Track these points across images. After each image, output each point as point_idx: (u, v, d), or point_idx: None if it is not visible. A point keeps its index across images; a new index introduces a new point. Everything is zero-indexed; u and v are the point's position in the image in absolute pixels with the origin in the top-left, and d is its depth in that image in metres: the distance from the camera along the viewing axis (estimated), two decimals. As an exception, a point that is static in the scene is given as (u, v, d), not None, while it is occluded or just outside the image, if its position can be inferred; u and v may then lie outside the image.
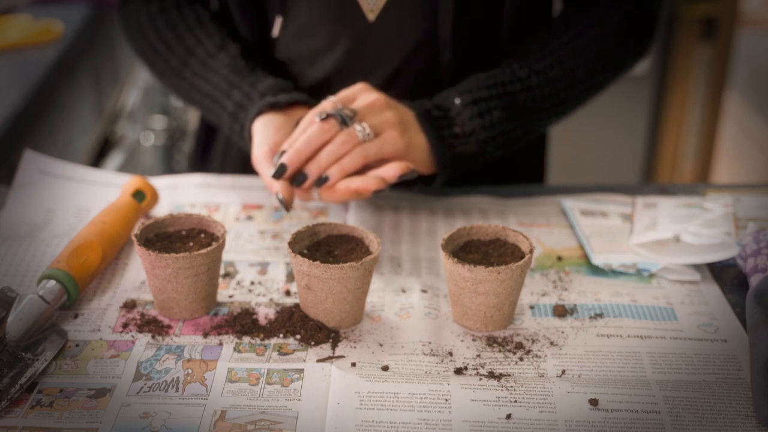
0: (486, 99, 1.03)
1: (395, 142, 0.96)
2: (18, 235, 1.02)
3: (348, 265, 0.84)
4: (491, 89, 1.03)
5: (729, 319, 0.90)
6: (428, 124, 1.00)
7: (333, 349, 0.85)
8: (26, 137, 1.56)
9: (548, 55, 1.07)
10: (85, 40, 1.99)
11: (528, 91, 1.05)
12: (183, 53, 1.10)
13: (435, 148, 1.00)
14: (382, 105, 0.98)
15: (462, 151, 1.02)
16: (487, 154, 1.04)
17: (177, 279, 0.86)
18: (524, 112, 1.05)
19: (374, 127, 0.96)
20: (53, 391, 0.79)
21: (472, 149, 1.02)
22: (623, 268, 0.97)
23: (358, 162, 0.95)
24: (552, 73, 1.06)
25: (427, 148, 1.00)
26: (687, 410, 0.77)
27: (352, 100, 0.99)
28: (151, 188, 1.05)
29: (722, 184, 1.26)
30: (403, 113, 0.99)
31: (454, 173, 1.03)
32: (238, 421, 0.75)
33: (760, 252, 0.93)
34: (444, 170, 1.02)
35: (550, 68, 1.06)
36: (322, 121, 0.95)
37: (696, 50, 2.62)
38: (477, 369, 0.82)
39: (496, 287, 0.85)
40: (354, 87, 1.00)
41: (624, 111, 2.66)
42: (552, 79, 1.06)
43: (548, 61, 1.07)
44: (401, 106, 1.00)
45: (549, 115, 1.08)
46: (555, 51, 1.07)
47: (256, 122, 1.01)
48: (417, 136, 0.99)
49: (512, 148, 1.06)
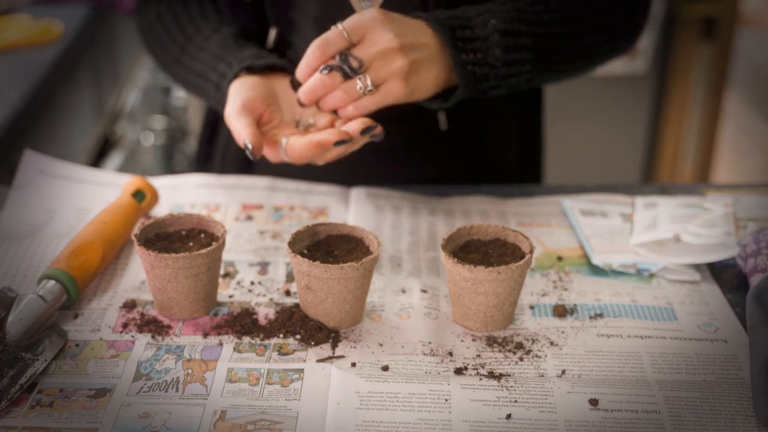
0: (517, 34, 0.99)
1: (397, 94, 0.93)
2: (18, 235, 1.02)
3: (348, 265, 0.84)
4: (520, 24, 0.99)
5: (729, 319, 0.90)
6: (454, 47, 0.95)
7: (333, 349, 0.85)
8: (26, 137, 1.56)
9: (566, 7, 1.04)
10: (85, 40, 1.99)
11: (549, 39, 1.02)
12: (182, 41, 1.11)
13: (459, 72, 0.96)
14: (393, 51, 0.92)
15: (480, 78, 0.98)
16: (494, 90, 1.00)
17: (177, 279, 0.86)
18: (537, 59, 1.01)
19: (378, 80, 0.92)
20: (53, 391, 0.79)
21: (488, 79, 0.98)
22: (623, 268, 0.97)
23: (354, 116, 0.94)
24: (567, 29, 1.03)
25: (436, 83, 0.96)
26: (687, 410, 0.77)
27: (362, 37, 0.92)
28: (151, 188, 1.05)
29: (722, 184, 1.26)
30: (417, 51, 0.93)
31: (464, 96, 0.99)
32: (238, 421, 0.75)
33: (760, 252, 0.93)
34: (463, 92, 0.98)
35: (569, 22, 1.04)
36: (325, 75, 0.92)
37: (696, 50, 2.62)
38: (477, 369, 0.82)
39: (496, 287, 0.85)
40: (367, 16, 0.93)
41: (624, 111, 2.66)
42: (566, 33, 1.03)
43: (564, 14, 1.04)
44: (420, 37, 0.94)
45: (551, 70, 1.05)
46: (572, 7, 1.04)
47: (232, 85, 1.01)
48: (428, 73, 0.95)
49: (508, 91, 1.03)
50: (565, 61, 1.05)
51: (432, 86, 0.96)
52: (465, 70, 0.96)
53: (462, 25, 0.97)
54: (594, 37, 1.07)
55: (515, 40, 0.98)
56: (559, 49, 1.03)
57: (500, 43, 0.98)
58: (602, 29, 1.07)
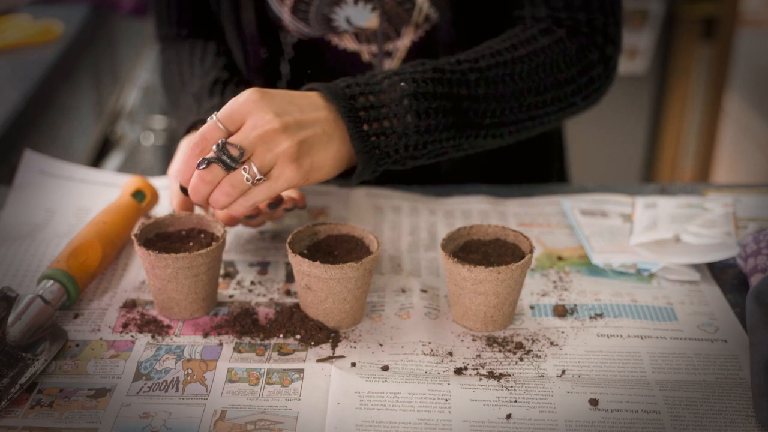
0: (429, 95, 0.90)
1: (289, 178, 0.83)
2: (18, 235, 1.02)
3: (348, 265, 0.84)
4: (437, 85, 0.90)
5: (729, 319, 0.90)
6: (350, 119, 0.86)
7: (333, 349, 0.85)
8: (26, 137, 1.56)
9: (501, 65, 0.96)
10: (85, 40, 1.99)
11: (473, 101, 0.93)
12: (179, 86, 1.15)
13: (358, 146, 0.87)
14: (275, 132, 0.82)
15: (387, 152, 0.89)
16: (409, 160, 0.91)
17: (177, 279, 0.86)
18: (462, 123, 0.93)
19: (264, 166, 0.82)
20: (53, 391, 0.79)
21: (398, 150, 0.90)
22: (623, 268, 0.97)
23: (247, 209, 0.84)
24: (501, 89, 0.95)
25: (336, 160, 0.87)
26: (687, 410, 0.77)
27: (240, 124, 0.83)
28: (151, 188, 1.05)
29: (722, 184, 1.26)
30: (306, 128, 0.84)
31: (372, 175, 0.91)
32: (238, 421, 0.75)
33: (760, 252, 0.93)
34: (365, 170, 0.89)
35: (502, 81, 0.95)
36: (203, 170, 0.82)
37: (696, 50, 2.62)
38: (477, 369, 0.82)
39: (496, 287, 0.85)
40: (241, 99, 0.84)
41: (624, 111, 2.66)
42: (500, 95, 0.95)
43: (500, 72, 0.95)
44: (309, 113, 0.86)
45: (485, 135, 0.95)
46: (509, 64, 0.96)
47: (183, 141, 1.04)
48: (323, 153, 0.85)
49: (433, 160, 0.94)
50: (503, 124, 0.96)
51: (333, 164, 0.86)
52: (366, 143, 0.87)
53: (364, 92, 0.88)
54: (537, 96, 0.98)
55: (429, 103, 0.89)
56: (491, 112, 0.94)
57: (411, 109, 0.88)
58: (547, 87, 0.98)
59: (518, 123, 0.98)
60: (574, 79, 1.00)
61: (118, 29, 2.28)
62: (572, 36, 1.01)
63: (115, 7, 2.17)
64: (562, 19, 1.01)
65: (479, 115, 0.94)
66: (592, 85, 1.02)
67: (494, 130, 0.96)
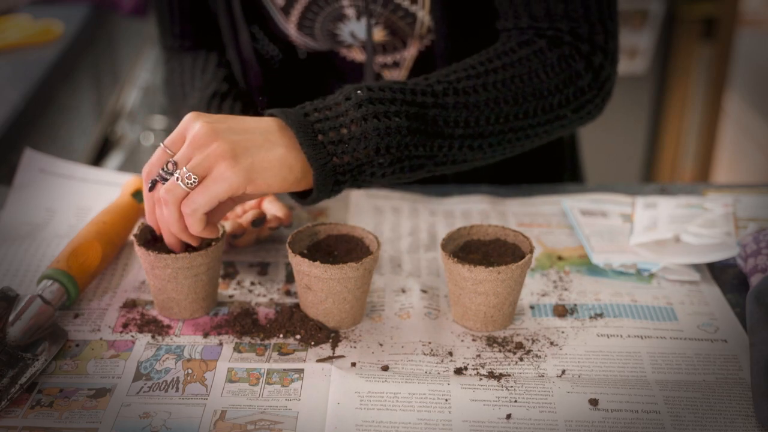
0: (388, 101, 0.87)
1: (227, 177, 0.80)
2: (18, 235, 1.02)
3: (348, 265, 0.84)
4: (397, 93, 0.88)
5: (729, 319, 0.90)
6: (300, 128, 0.84)
7: (333, 349, 0.85)
8: (26, 137, 1.56)
9: (472, 77, 0.93)
10: (85, 40, 1.99)
11: (441, 109, 0.89)
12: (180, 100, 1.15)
13: (310, 155, 0.83)
14: (203, 137, 0.81)
15: (346, 160, 0.85)
16: (377, 168, 0.87)
17: (176, 279, 0.86)
18: (431, 132, 0.89)
19: (197, 168, 0.81)
20: (53, 391, 0.79)
21: (358, 157, 0.85)
22: (623, 268, 0.97)
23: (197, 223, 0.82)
24: (473, 98, 0.91)
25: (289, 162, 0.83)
26: (687, 410, 0.77)
27: (181, 142, 0.83)
28: (151, 188, 1.05)
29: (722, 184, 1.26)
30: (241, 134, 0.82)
31: (334, 189, 0.87)
32: (238, 421, 0.75)
33: (760, 252, 0.93)
34: (323, 184, 0.85)
35: (473, 91, 0.92)
36: (150, 192, 0.84)
37: (696, 50, 2.62)
38: (477, 369, 0.82)
39: (496, 287, 0.85)
40: (181, 123, 0.84)
41: (624, 111, 2.66)
42: (472, 104, 0.91)
43: (471, 83, 0.92)
44: (248, 123, 0.84)
45: (461, 146, 0.91)
46: (481, 75, 0.93)
47: None
48: (267, 152, 0.82)
49: (410, 175, 0.90)
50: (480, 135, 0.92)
51: (279, 166, 0.83)
52: (320, 150, 0.84)
53: (318, 107, 0.86)
54: (516, 106, 0.94)
55: (388, 108, 0.86)
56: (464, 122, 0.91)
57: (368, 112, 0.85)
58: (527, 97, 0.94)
59: (498, 134, 0.93)
60: (559, 89, 0.96)
61: (118, 29, 2.28)
62: (554, 46, 0.97)
63: (115, 7, 2.17)
64: (544, 29, 0.99)
65: (450, 124, 0.90)
66: (582, 96, 0.98)
67: (470, 141, 0.92)
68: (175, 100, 1.17)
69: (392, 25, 1.07)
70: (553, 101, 0.96)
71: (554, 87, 0.96)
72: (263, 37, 1.13)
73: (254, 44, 1.13)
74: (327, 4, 1.05)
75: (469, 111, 0.91)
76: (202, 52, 1.18)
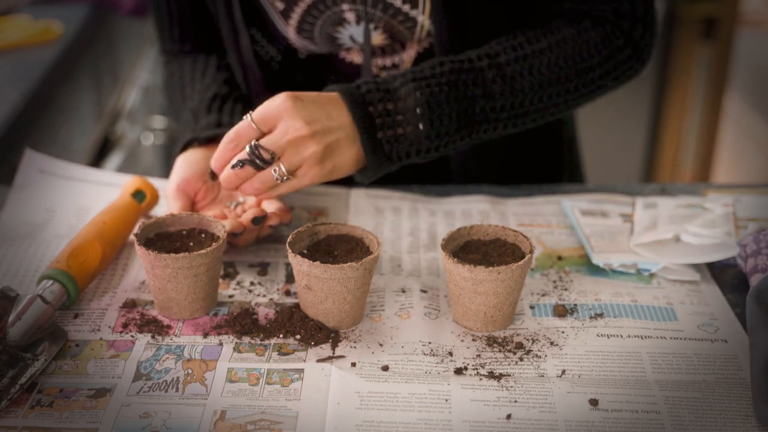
0: (443, 102, 0.95)
1: (313, 177, 0.92)
2: (18, 235, 1.02)
3: (348, 265, 0.84)
4: (451, 89, 0.96)
5: (729, 319, 0.90)
6: (364, 127, 0.93)
7: (333, 349, 0.85)
8: (26, 137, 1.56)
9: (520, 59, 0.99)
10: (85, 40, 1.99)
11: (489, 99, 0.97)
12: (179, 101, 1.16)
13: (369, 156, 0.94)
14: (304, 138, 0.91)
15: (398, 156, 0.96)
16: (423, 160, 0.98)
17: (177, 279, 0.86)
18: (478, 120, 0.98)
19: (292, 167, 0.91)
20: (53, 391, 0.79)
21: (409, 154, 0.96)
22: (623, 268, 0.97)
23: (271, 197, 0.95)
24: (519, 83, 0.98)
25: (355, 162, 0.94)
26: (687, 410, 0.77)
27: (272, 126, 0.92)
28: (151, 188, 1.05)
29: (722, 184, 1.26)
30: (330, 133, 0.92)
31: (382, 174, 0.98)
32: (238, 421, 0.75)
33: (760, 252, 0.93)
34: (375, 173, 0.96)
35: (520, 76, 0.98)
36: (238, 169, 0.91)
37: (696, 50, 2.62)
38: (477, 369, 0.82)
39: (496, 287, 0.85)
40: (275, 104, 0.92)
41: (624, 111, 2.66)
42: (518, 89, 0.98)
43: (519, 66, 0.99)
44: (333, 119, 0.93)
45: (505, 126, 1.00)
46: (528, 57, 0.99)
47: (179, 157, 1.04)
48: (345, 154, 0.93)
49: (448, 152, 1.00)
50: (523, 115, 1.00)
51: (351, 164, 0.95)
52: (377, 150, 0.94)
53: (383, 98, 0.94)
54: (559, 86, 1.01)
55: (441, 110, 0.95)
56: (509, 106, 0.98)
57: (423, 117, 0.95)
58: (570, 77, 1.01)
59: (540, 111, 1.02)
60: (602, 65, 1.03)
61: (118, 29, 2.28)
62: (597, 24, 1.03)
63: (115, 7, 2.17)
64: (587, 10, 1.03)
65: (496, 111, 0.98)
66: (621, 66, 1.05)
67: (513, 120, 1.00)
68: (175, 103, 1.17)
69: (392, 29, 1.07)
70: (595, 75, 1.03)
71: (596, 63, 1.03)
72: (262, 39, 1.13)
73: (254, 46, 1.13)
74: (327, 8, 1.05)
75: (514, 96, 0.98)
76: (202, 56, 1.18)
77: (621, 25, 1.03)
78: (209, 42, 1.18)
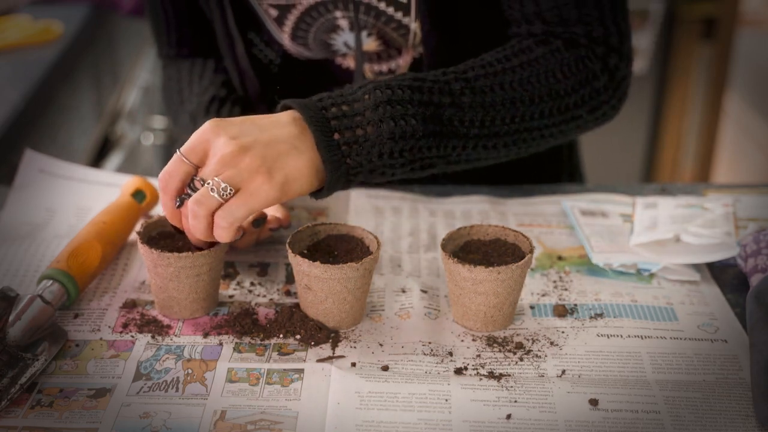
0: (405, 102, 0.87)
1: (264, 192, 0.81)
2: (18, 235, 1.02)
3: (348, 265, 0.84)
4: (414, 93, 0.88)
5: (729, 319, 0.90)
6: (318, 127, 0.84)
7: (333, 349, 0.85)
8: (26, 137, 1.56)
9: (490, 75, 0.93)
10: (85, 40, 1.99)
11: (457, 109, 0.90)
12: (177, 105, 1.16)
13: (325, 156, 0.84)
14: (232, 153, 0.81)
15: (359, 161, 0.86)
16: (388, 169, 0.88)
17: (178, 278, 0.86)
18: (446, 132, 0.89)
19: (232, 181, 0.81)
20: (53, 391, 0.79)
21: (371, 159, 0.87)
22: (623, 268, 0.97)
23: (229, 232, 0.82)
24: (490, 97, 0.92)
25: (313, 170, 0.85)
26: (687, 410, 0.77)
27: (203, 155, 0.83)
28: (151, 188, 1.05)
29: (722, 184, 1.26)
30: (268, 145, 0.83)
31: (346, 186, 0.88)
32: (238, 421, 0.75)
33: (760, 252, 0.93)
34: (334, 182, 0.87)
35: (490, 90, 0.92)
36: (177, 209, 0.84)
37: (696, 50, 2.63)
38: (477, 369, 0.82)
39: (496, 287, 0.85)
40: (200, 131, 0.83)
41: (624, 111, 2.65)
42: (489, 103, 0.92)
43: (488, 82, 0.93)
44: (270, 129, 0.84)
45: (475, 146, 0.92)
46: (499, 74, 0.94)
47: None
48: (294, 161, 0.83)
49: (422, 173, 0.91)
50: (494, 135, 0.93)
51: (309, 173, 0.84)
52: (334, 152, 0.85)
53: (337, 102, 0.87)
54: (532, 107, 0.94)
55: (405, 110, 0.87)
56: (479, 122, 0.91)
57: (385, 116, 0.86)
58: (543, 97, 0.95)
59: (513, 134, 0.94)
60: (575, 90, 0.97)
61: (118, 29, 2.28)
62: (570, 47, 0.98)
63: (115, 7, 2.17)
64: (559, 33, 0.99)
65: (465, 124, 0.91)
66: (597, 97, 0.99)
67: (485, 141, 0.92)
68: (173, 107, 1.17)
69: (385, 35, 1.07)
70: (569, 101, 0.97)
71: (570, 87, 0.97)
72: (260, 43, 1.13)
73: (252, 50, 1.13)
74: (320, 16, 1.05)
75: (485, 111, 0.92)
76: (199, 59, 1.18)
77: (595, 50, 0.99)
78: (206, 45, 1.18)
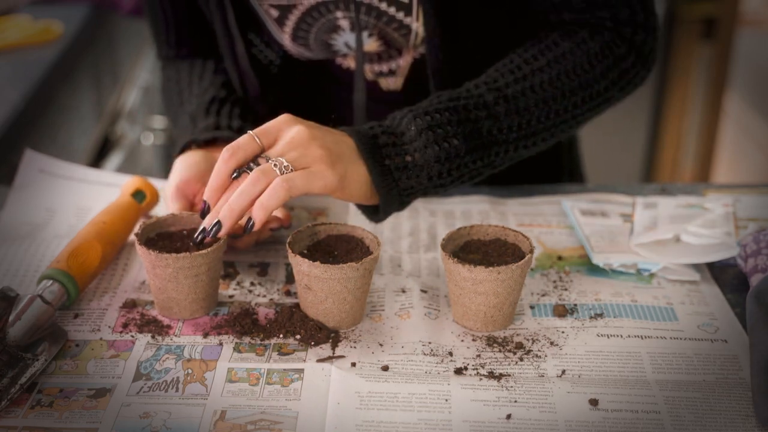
0: (445, 124, 0.92)
1: (326, 176, 0.85)
2: (18, 235, 1.02)
3: (348, 265, 0.84)
4: (452, 114, 0.92)
5: (729, 319, 0.90)
6: (370, 153, 0.89)
7: (333, 349, 0.85)
8: (26, 137, 1.56)
9: (520, 80, 0.97)
10: (85, 40, 1.99)
11: (494, 120, 0.94)
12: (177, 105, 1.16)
13: (377, 181, 0.89)
14: (303, 140, 0.86)
15: (410, 184, 0.91)
16: (440, 188, 0.93)
17: (177, 279, 0.86)
18: (487, 143, 0.94)
19: (295, 162, 0.85)
20: (53, 391, 0.79)
21: (422, 182, 0.92)
22: (623, 268, 0.97)
23: (282, 195, 0.83)
24: (523, 102, 0.96)
25: (369, 180, 0.89)
26: (687, 410, 0.77)
27: (274, 139, 0.87)
28: (151, 188, 1.05)
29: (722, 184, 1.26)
30: (334, 144, 0.88)
31: (401, 207, 0.93)
32: (238, 421, 0.75)
33: (760, 252, 0.93)
34: (388, 204, 0.91)
35: (522, 95, 0.96)
36: (234, 180, 0.86)
37: (696, 50, 2.62)
38: (477, 369, 0.82)
39: (496, 287, 0.85)
40: (277, 120, 0.88)
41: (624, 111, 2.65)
42: (523, 108, 0.96)
43: (520, 87, 0.96)
44: (336, 135, 0.89)
45: (516, 148, 0.97)
46: (528, 77, 0.97)
47: (178, 158, 1.03)
48: (355, 166, 0.88)
49: (471, 182, 0.96)
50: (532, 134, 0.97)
51: (365, 183, 0.89)
52: (385, 177, 0.89)
53: (386, 131, 0.91)
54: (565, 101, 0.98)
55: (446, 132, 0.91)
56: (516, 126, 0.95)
57: (429, 141, 0.91)
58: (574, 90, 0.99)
59: (549, 129, 0.99)
60: (604, 75, 1.01)
61: (118, 29, 2.28)
62: (595, 34, 1.01)
63: (115, 7, 2.17)
64: (586, 20, 1.02)
65: (503, 132, 0.95)
66: (626, 75, 1.03)
67: (524, 141, 0.97)
68: (173, 108, 1.17)
69: (386, 36, 1.07)
70: (600, 87, 1.01)
71: (599, 74, 1.00)
72: (261, 44, 1.13)
73: (252, 50, 1.13)
74: (321, 16, 1.05)
75: (520, 116, 0.96)
76: (199, 60, 1.18)
77: (622, 32, 1.02)
78: (206, 46, 1.18)
